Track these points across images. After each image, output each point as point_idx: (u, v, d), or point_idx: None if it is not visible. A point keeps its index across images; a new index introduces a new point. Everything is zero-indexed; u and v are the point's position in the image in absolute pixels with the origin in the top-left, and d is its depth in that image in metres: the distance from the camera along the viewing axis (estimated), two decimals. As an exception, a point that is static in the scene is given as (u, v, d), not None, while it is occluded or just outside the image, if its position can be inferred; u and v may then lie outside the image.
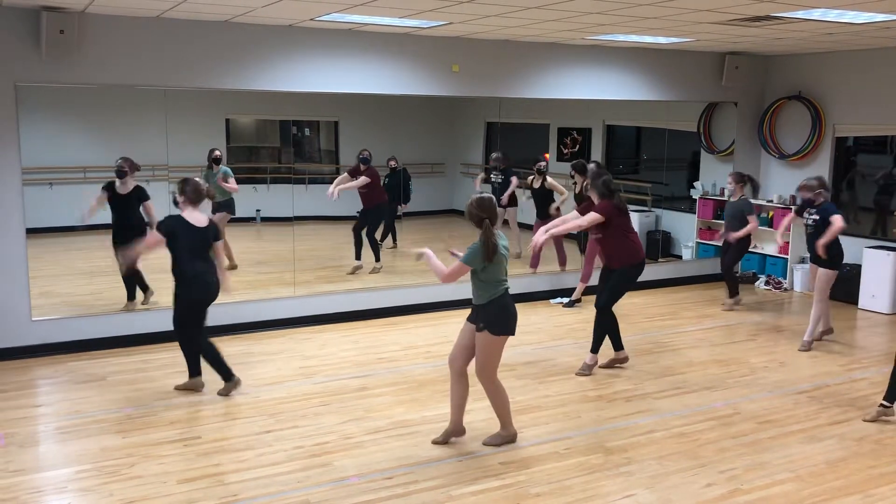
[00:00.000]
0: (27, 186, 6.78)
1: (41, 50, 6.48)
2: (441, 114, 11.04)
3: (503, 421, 5.10)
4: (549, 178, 9.33)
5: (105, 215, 7.70)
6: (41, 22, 6.39)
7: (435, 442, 5.07)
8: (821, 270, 7.16)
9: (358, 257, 9.37)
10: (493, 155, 10.17)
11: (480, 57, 8.44)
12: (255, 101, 8.63)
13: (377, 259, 9.46)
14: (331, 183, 9.32)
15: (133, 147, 7.76)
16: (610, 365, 6.62)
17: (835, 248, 7.13)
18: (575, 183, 8.83)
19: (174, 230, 5.55)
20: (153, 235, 5.65)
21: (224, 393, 5.87)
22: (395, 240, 10.46)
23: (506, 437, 5.09)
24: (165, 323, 7.19)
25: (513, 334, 4.91)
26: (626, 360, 6.67)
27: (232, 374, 5.89)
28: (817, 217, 7.13)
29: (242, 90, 7.44)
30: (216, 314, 6.14)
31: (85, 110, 8.32)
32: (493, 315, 4.80)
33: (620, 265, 6.39)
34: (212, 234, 5.73)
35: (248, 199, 9.28)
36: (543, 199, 9.32)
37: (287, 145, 10.33)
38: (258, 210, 9.72)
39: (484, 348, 4.86)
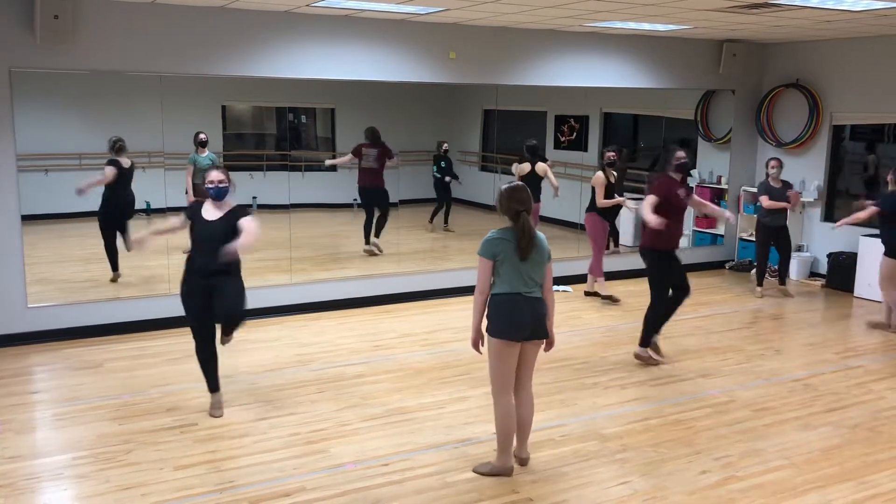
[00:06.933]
0: (22, 173, 6.76)
1: (35, 35, 6.43)
2: (438, 101, 10.98)
3: (499, 446, 4.44)
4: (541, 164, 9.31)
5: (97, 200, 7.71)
6: (35, 7, 6.35)
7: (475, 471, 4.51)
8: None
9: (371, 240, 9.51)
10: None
11: (477, 44, 8.40)
12: (251, 88, 8.59)
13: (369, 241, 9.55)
14: (328, 170, 9.25)
15: (128, 133, 7.74)
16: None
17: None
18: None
19: (192, 216, 5.13)
20: (178, 220, 5.23)
21: (215, 415, 5.30)
22: (446, 221, 10.62)
23: (496, 468, 4.44)
24: (161, 310, 7.24)
25: (512, 339, 4.30)
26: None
27: (219, 386, 5.38)
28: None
29: (238, 76, 7.41)
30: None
31: (80, 96, 8.26)
32: (490, 313, 4.34)
33: None
34: (221, 229, 4.95)
35: (244, 186, 9.25)
36: (537, 184, 9.24)
37: (283, 132, 10.29)
38: (254, 197, 9.69)
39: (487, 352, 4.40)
